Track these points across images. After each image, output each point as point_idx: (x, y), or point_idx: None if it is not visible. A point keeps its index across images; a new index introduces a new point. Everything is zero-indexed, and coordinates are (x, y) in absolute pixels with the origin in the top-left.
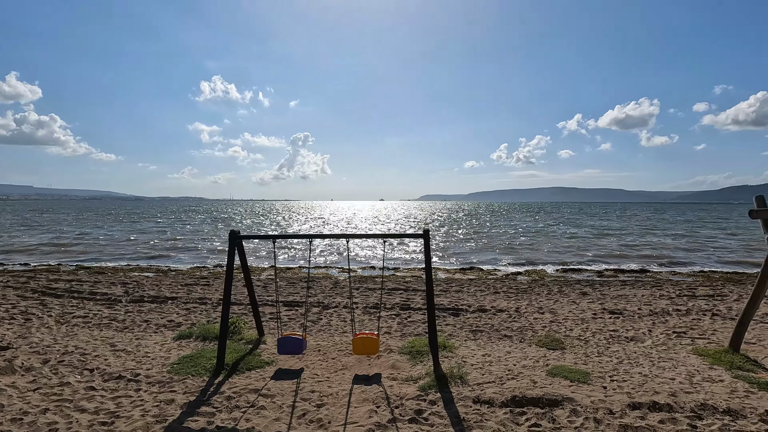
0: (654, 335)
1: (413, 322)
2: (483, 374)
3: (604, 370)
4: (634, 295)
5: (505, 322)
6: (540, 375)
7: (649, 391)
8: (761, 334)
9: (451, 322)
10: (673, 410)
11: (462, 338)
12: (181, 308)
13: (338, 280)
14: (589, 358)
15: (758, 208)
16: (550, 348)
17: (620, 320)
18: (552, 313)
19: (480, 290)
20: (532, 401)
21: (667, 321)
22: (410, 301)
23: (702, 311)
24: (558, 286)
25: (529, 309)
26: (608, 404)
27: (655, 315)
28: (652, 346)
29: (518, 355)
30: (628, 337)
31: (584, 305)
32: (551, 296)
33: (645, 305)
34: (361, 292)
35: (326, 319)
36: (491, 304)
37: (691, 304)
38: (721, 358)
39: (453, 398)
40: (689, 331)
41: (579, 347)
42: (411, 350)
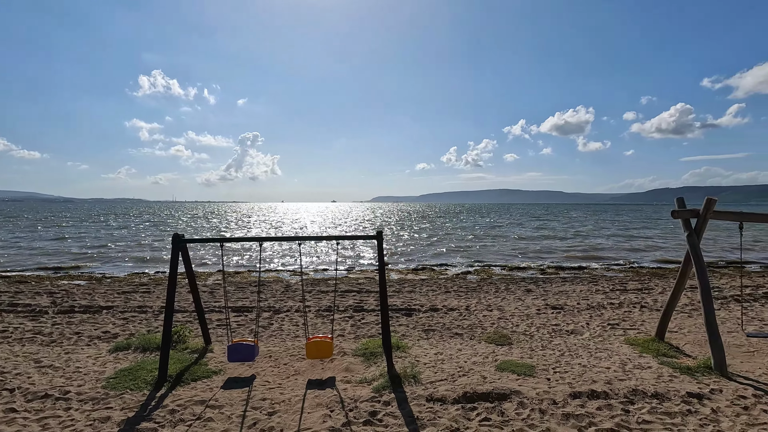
0: (591, 328)
1: (367, 324)
2: (436, 372)
3: (547, 362)
4: (574, 291)
5: (456, 321)
6: (489, 370)
7: (588, 380)
8: (682, 323)
9: (405, 322)
10: (609, 397)
11: (415, 338)
12: (118, 318)
13: (290, 283)
14: (534, 352)
15: (679, 209)
16: (498, 344)
17: (561, 315)
18: (500, 310)
19: (432, 290)
20: (482, 396)
21: (603, 314)
22: (364, 303)
23: (632, 304)
24: (505, 284)
25: (479, 307)
26: (552, 395)
27: (592, 309)
28: (589, 338)
29: (469, 352)
30: (569, 331)
31: (529, 302)
32: (499, 294)
33: (583, 300)
34: (313, 295)
35: (278, 324)
36: (443, 304)
37: (623, 298)
38: (649, 346)
39: (407, 398)
40: (621, 323)
41: (525, 342)
42: (365, 352)
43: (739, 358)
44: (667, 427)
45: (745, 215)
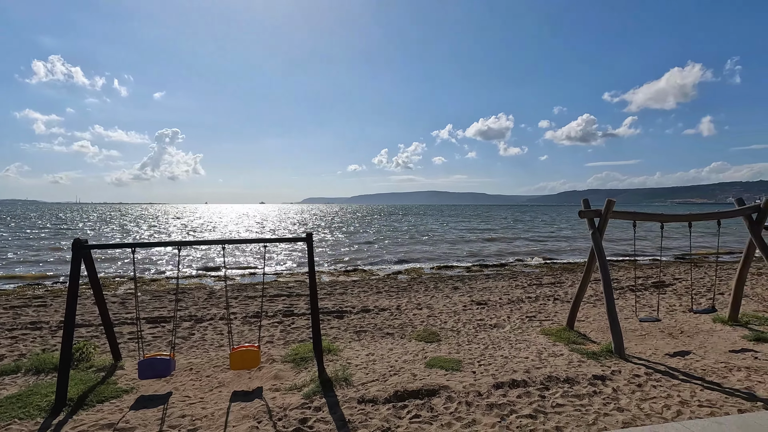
0: (512, 321)
1: (297, 329)
2: (367, 373)
3: (473, 356)
4: (496, 287)
5: (387, 321)
6: (419, 368)
7: (509, 371)
8: (588, 312)
9: (336, 324)
10: (527, 385)
11: (347, 340)
12: (5, 337)
13: (214, 289)
14: (461, 347)
15: (585, 210)
16: (427, 341)
17: (485, 310)
18: (429, 308)
19: (364, 291)
20: (412, 394)
21: (522, 307)
22: (294, 307)
23: (547, 297)
24: (434, 282)
25: (409, 306)
26: (477, 387)
27: (512, 303)
28: (510, 331)
29: (400, 351)
30: (492, 325)
31: (456, 299)
32: (428, 292)
33: (504, 295)
34: (240, 301)
35: (200, 334)
36: (374, 304)
37: (539, 292)
38: (561, 335)
39: (338, 401)
40: (538, 315)
41: (452, 338)
42: (295, 358)
43: (634, 341)
44: (576, 408)
45: (637, 215)
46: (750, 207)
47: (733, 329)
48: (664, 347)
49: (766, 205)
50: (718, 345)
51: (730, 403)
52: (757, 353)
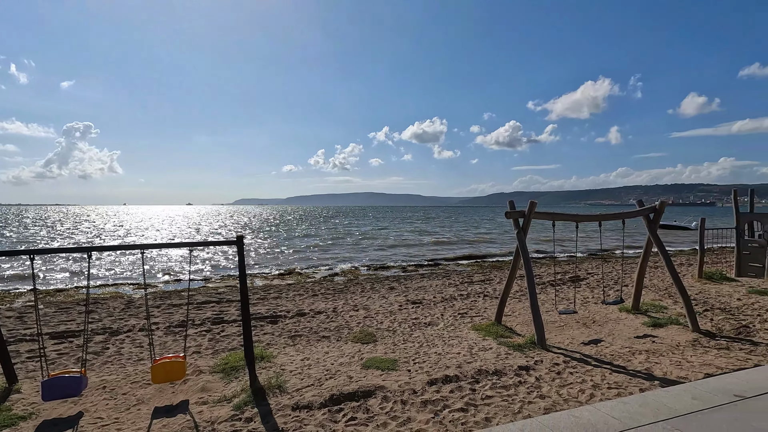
0: (445, 318)
1: (227, 336)
2: (302, 379)
3: (408, 355)
4: (431, 286)
5: (323, 324)
6: (355, 369)
7: (442, 367)
8: (514, 307)
9: (270, 330)
10: (459, 379)
11: (281, 345)
12: None
13: (133, 298)
14: (396, 347)
15: (510, 210)
16: (364, 342)
17: (420, 309)
18: (365, 309)
19: (299, 294)
20: (348, 396)
21: (454, 305)
22: (224, 314)
23: (477, 294)
24: (370, 283)
25: (346, 308)
26: (412, 385)
27: (445, 301)
28: (444, 328)
29: (336, 354)
30: (427, 323)
31: (392, 299)
32: (365, 293)
33: (438, 293)
34: (163, 310)
35: (115, 348)
36: (310, 307)
37: (470, 289)
38: (490, 330)
39: (271, 410)
40: (469, 312)
41: (388, 338)
42: (225, 367)
43: (554, 332)
44: (504, 398)
45: (556, 215)
46: (648, 208)
47: (635, 317)
48: (580, 336)
49: (661, 206)
50: (624, 332)
51: (634, 384)
52: (655, 338)
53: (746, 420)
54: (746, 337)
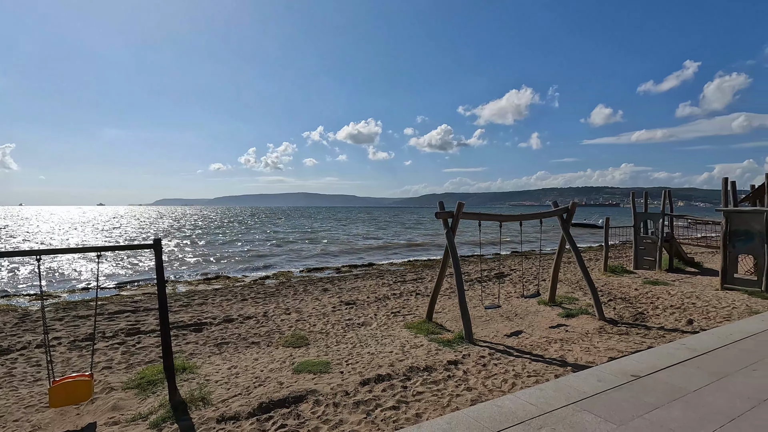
0: (378, 318)
1: (144, 348)
2: (229, 389)
3: (341, 356)
4: (364, 286)
5: (253, 329)
6: (287, 375)
7: (375, 366)
8: (444, 304)
9: (194, 338)
10: (392, 378)
11: (206, 354)
12: None
13: (29, 311)
14: (329, 349)
15: (440, 211)
16: (296, 346)
17: (354, 309)
18: (298, 312)
19: (226, 299)
20: (279, 403)
21: (387, 304)
22: (140, 324)
23: (410, 293)
24: (303, 285)
25: (277, 311)
26: (345, 387)
27: (379, 300)
28: (377, 328)
29: (266, 360)
30: (360, 323)
31: (326, 300)
32: (297, 296)
33: (372, 293)
34: (67, 323)
35: (5, 369)
36: (239, 313)
37: (403, 288)
38: (422, 327)
39: (193, 424)
40: (402, 310)
41: (321, 340)
42: (140, 382)
43: (480, 326)
44: (434, 393)
45: (482, 215)
46: (561, 209)
47: (551, 309)
48: (503, 329)
49: (573, 207)
50: (542, 323)
51: (550, 371)
52: (568, 327)
53: (640, 397)
54: (642, 322)
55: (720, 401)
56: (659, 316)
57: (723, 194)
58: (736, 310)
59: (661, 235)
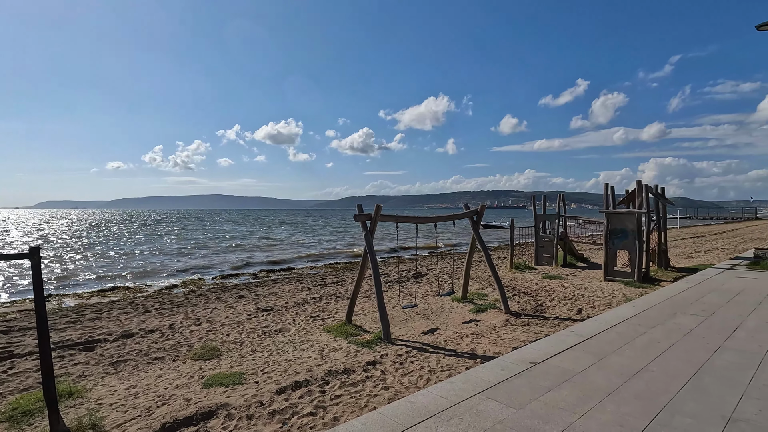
0: (297, 323)
1: (20, 374)
2: (126, 411)
3: (257, 366)
4: (283, 291)
5: (156, 344)
6: (195, 390)
7: (292, 373)
8: (364, 306)
9: (84, 359)
10: (309, 383)
11: (98, 375)
12: None
13: None
14: (244, 359)
15: (359, 213)
16: (206, 359)
17: (271, 316)
18: (209, 322)
19: (125, 312)
20: (185, 422)
21: (307, 308)
22: (15, 346)
23: (330, 296)
24: (216, 293)
25: (185, 322)
26: (259, 397)
27: (298, 305)
28: (295, 333)
29: (171, 376)
30: (278, 330)
31: (241, 308)
32: (209, 305)
33: (291, 298)
34: None
35: None
36: (140, 326)
37: (323, 292)
38: (341, 330)
39: None
40: (321, 314)
41: (235, 350)
42: (13, 414)
43: (399, 326)
44: (352, 395)
45: (399, 217)
46: (472, 211)
47: (464, 305)
48: (420, 327)
49: (482, 209)
50: (455, 319)
51: (461, 364)
52: (478, 321)
53: (536, 381)
54: (541, 314)
55: (600, 379)
56: (555, 307)
57: (605, 198)
58: (615, 299)
59: (556, 234)
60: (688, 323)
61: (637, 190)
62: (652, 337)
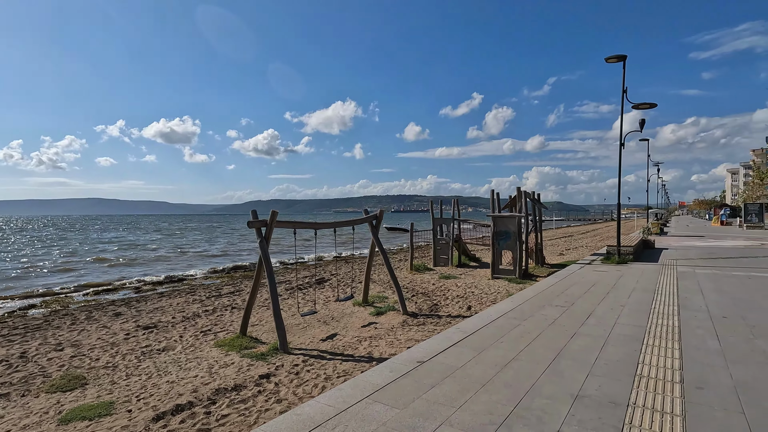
0: (185, 340)
1: None
2: None
3: (131, 392)
4: (170, 305)
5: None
6: (49, 428)
7: (174, 396)
8: (262, 316)
9: None
10: (194, 405)
11: None
12: None
13: None
14: (116, 385)
15: (253, 220)
16: (67, 389)
17: (154, 334)
18: (75, 346)
19: None
20: None
21: (197, 323)
22: None
23: (225, 307)
24: (87, 312)
25: (43, 349)
26: (132, 427)
27: (187, 320)
28: (182, 351)
29: (17, 415)
30: (160, 349)
31: (117, 327)
32: (77, 326)
33: (179, 312)
34: None
35: None
36: None
37: (217, 303)
38: (234, 343)
39: None
40: (214, 327)
41: (105, 376)
42: None
43: (297, 334)
44: (241, 413)
45: (297, 223)
46: (371, 216)
47: (364, 309)
48: (320, 334)
49: (380, 214)
50: (355, 323)
51: (358, 368)
52: (377, 324)
53: (422, 379)
54: (435, 313)
55: (477, 372)
56: (449, 305)
57: (491, 203)
58: (500, 295)
59: (452, 237)
60: (553, 314)
61: (517, 196)
62: (524, 329)
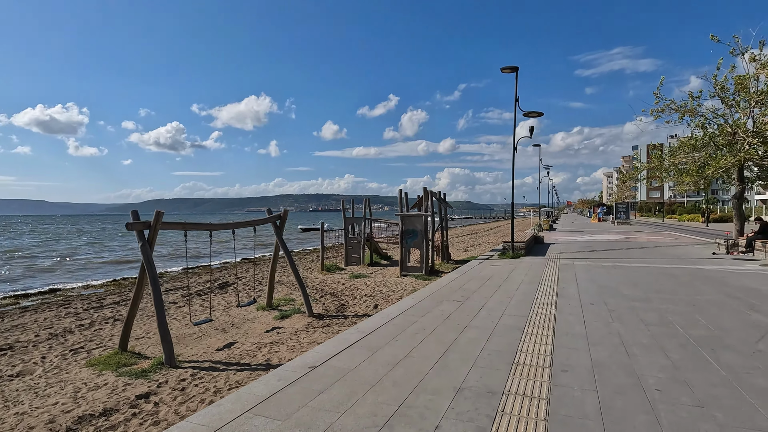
0: (48, 361)
1: None
2: None
3: None
4: (35, 321)
5: None
6: None
7: (23, 430)
8: (150, 327)
9: None
10: None
11: None
12: None
13: None
14: None
15: (134, 221)
16: None
17: (7, 356)
18: None
19: None
20: None
21: (68, 339)
22: None
23: (106, 320)
24: None
25: None
26: None
27: (55, 337)
28: (42, 374)
29: None
30: (15, 374)
31: None
32: None
33: (46, 329)
34: None
35: None
36: None
37: (96, 315)
38: (110, 361)
39: None
40: (88, 344)
41: None
42: None
43: (190, 344)
44: None
45: (188, 225)
46: (274, 216)
47: (269, 313)
48: (216, 343)
49: (285, 214)
50: (257, 329)
51: (253, 378)
52: (281, 328)
53: (310, 386)
54: (342, 313)
55: (369, 373)
56: (356, 305)
57: (399, 202)
58: (406, 292)
59: (363, 236)
60: (449, 309)
61: (424, 195)
62: (420, 325)
